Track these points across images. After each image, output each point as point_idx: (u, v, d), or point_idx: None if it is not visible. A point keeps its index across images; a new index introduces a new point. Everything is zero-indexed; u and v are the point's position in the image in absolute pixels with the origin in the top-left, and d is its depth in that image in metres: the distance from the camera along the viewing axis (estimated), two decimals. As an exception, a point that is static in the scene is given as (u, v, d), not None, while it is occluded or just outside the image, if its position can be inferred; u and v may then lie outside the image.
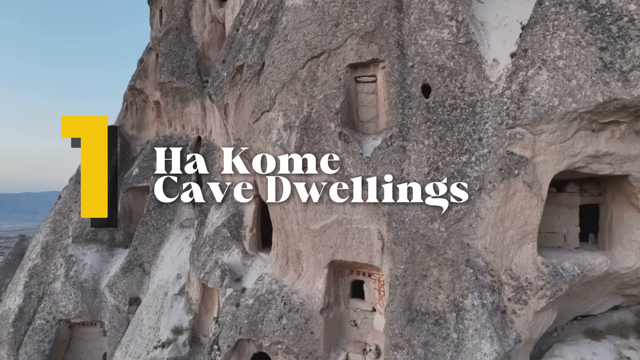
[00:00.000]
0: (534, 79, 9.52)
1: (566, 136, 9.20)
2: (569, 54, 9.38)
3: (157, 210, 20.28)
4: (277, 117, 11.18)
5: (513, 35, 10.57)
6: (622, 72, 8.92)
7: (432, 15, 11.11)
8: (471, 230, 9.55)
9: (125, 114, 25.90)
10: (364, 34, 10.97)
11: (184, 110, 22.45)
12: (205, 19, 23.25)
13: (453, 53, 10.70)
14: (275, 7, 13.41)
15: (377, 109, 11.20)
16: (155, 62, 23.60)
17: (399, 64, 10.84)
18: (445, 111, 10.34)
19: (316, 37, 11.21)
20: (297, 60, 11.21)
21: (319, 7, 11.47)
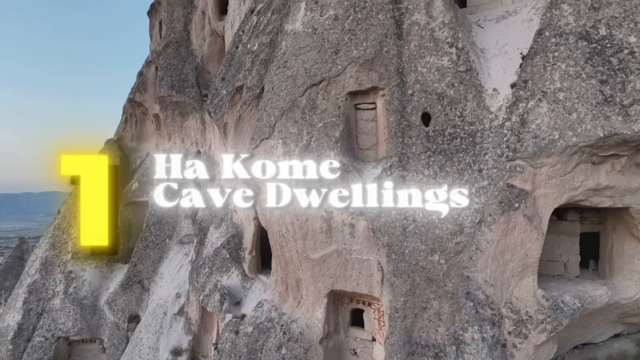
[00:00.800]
0: (534, 111, 9.49)
1: (567, 169, 9.16)
2: (570, 86, 9.35)
3: (156, 225, 20.24)
4: (277, 145, 11.14)
5: (513, 63, 10.54)
6: (623, 106, 8.89)
7: (432, 42, 11.08)
8: (471, 262, 9.51)
9: (124, 125, 25.88)
10: (363, 61, 10.94)
11: (184, 124, 22.43)
12: (204, 32, 23.22)
13: (453, 81, 10.67)
14: (275, 30, 13.38)
15: (377, 136, 11.16)
16: (154, 76, 23.56)
17: (398, 92, 10.81)
18: (445, 140, 10.30)
19: (316, 65, 11.18)
20: (296, 88, 11.17)
21: (319, 33, 11.43)
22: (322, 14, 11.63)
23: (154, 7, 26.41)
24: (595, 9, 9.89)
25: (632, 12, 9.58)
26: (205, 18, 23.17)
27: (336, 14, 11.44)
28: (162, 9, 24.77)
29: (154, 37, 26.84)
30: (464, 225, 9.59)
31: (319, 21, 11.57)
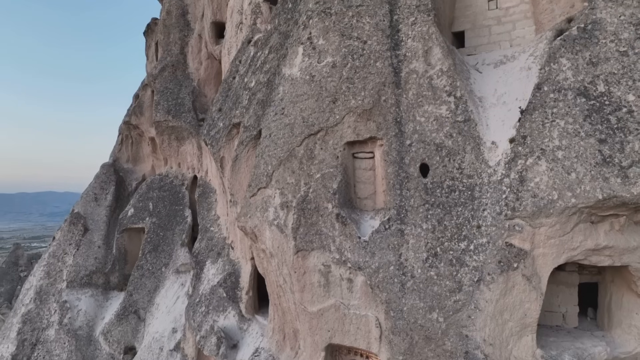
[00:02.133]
0: (533, 169, 9.45)
1: (565, 230, 9.13)
2: (568, 145, 9.32)
3: (152, 253, 20.10)
4: (274, 195, 11.06)
5: (512, 115, 10.50)
6: (622, 167, 8.87)
7: (430, 90, 11.04)
8: (470, 321, 9.45)
9: (120, 147, 25.72)
10: (361, 111, 10.88)
11: (180, 148, 22.31)
12: (201, 55, 23.13)
13: (451, 131, 10.63)
14: (272, 70, 13.31)
15: (375, 185, 11.10)
16: (150, 99, 23.43)
17: (396, 143, 10.76)
18: (444, 193, 10.25)
19: (313, 114, 11.11)
20: (294, 137, 11.10)
21: (316, 81, 11.37)
22: (320, 61, 11.57)
23: (150, 28, 26.31)
24: (594, 64, 9.87)
25: (630, 68, 9.57)
26: (202, 41, 23.09)
27: (334, 62, 11.39)
28: (158, 30, 24.67)
29: (150, 58, 26.73)
30: (463, 283, 9.54)
31: (317, 68, 11.50)
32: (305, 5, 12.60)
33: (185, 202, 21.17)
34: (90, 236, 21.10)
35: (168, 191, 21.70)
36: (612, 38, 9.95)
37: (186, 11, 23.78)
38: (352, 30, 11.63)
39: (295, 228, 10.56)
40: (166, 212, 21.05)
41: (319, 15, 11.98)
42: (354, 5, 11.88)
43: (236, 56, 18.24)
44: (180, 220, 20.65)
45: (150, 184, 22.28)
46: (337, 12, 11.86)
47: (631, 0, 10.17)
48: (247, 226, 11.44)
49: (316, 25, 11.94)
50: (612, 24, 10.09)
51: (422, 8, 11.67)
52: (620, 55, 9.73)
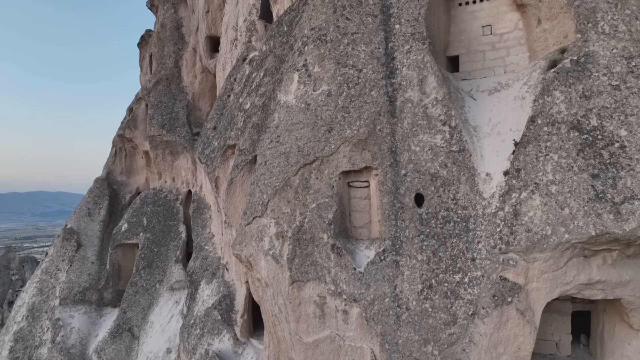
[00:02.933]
0: (527, 203, 9.53)
1: (559, 265, 9.21)
2: (562, 179, 9.41)
3: (146, 270, 20.01)
4: (270, 224, 11.05)
5: (506, 146, 10.58)
6: (614, 203, 8.96)
7: (425, 119, 11.09)
8: (465, 355, 9.50)
9: (114, 159, 25.59)
10: (357, 141, 10.91)
11: (174, 163, 22.23)
12: (195, 69, 23.08)
13: (446, 161, 10.69)
14: (268, 94, 13.30)
15: (370, 214, 11.14)
16: (144, 112, 23.34)
17: (392, 173, 10.80)
18: (439, 224, 10.30)
19: (309, 143, 11.12)
20: (289, 167, 11.10)
21: (312, 110, 11.38)
22: (316, 89, 11.59)
23: (144, 39, 26.21)
24: (587, 97, 9.98)
25: (622, 103, 9.68)
26: (197, 55, 23.05)
27: (329, 90, 11.41)
28: (152, 42, 24.58)
29: (144, 69, 26.62)
30: (458, 316, 9.59)
31: (312, 96, 11.52)
32: (300, 30, 12.61)
33: (180, 218, 21.10)
34: (83, 252, 20.97)
35: (162, 206, 21.62)
36: (605, 71, 10.06)
37: (180, 24, 23.73)
38: (347, 58, 11.66)
39: (290, 259, 10.57)
40: (160, 227, 20.96)
41: (314, 42, 12.00)
42: (349, 32, 11.92)
43: (231, 73, 18.23)
44: (174, 236, 20.57)
45: (144, 198, 22.18)
46: (333, 39, 11.89)
47: (623, 34, 10.30)
48: (242, 255, 11.43)
49: (312, 52, 11.96)
50: (604, 57, 10.20)
51: (417, 36, 11.73)
52: (613, 89, 9.85)
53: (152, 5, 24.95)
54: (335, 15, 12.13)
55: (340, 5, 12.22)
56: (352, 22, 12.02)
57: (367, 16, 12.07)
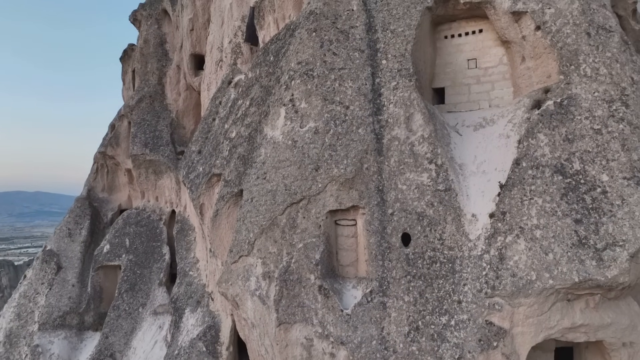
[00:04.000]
0: (512, 247, 9.64)
1: (543, 309, 9.34)
2: (546, 224, 9.54)
3: (129, 293, 19.65)
4: (256, 264, 10.96)
5: (491, 186, 10.69)
6: (597, 249, 9.13)
7: (412, 157, 11.14)
8: (451, 398, 9.55)
9: (95, 176, 25.08)
10: (344, 180, 10.89)
11: (158, 182, 21.91)
12: (180, 86, 22.80)
13: (432, 200, 10.75)
14: (254, 125, 13.19)
15: (357, 253, 11.13)
16: (127, 130, 22.95)
17: (378, 212, 10.81)
18: (425, 264, 10.35)
19: (296, 182, 11.06)
20: (276, 205, 11.02)
21: (299, 147, 11.33)
22: (302, 125, 11.53)
23: (127, 54, 25.79)
24: (570, 140, 10.15)
25: (604, 147, 9.88)
26: (181, 72, 22.77)
27: (316, 127, 11.37)
28: (135, 58, 24.19)
29: (126, 84, 26.19)
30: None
31: (299, 133, 11.46)
32: (287, 63, 12.54)
33: (163, 239, 20.80)
34: (63, 274, 20.50)
35: (145, 226, 21.28)
36: (587, 115, 10.25)
37: (164, 40, 23.42)
38: (334, 94, 11.64)
39: (277, 300, 10.49)
40: (143, 248, 20.63)
41: (301, 77, 11.95)
42: (336, 68, 11.91)
43: (216, 95, 18.04)
44: (157, 258, 20.27)
45: (126, 218, 21.79)
46: (320, 74, 11.86)
47: (604, 77, 10.52)
48: (229, 294, 11.31)
49: (298, 88, 11.91)
50: (586, 100, 10.40)
51: (404, 72, 11.79)
52: (595, 134, 10.04)
53: (135, 20, 24.55)
54: (322, 49, 12.10)
55: (327, 39, 12.20)
56: (339, 57, 12.00)
57: (354, 51, 12.07)
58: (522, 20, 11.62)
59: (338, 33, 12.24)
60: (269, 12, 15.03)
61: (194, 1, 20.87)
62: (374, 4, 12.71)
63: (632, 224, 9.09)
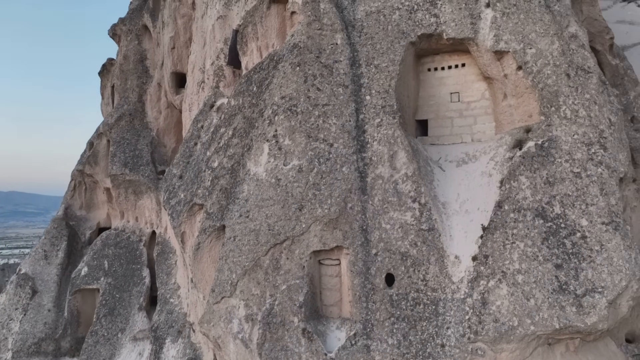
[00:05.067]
0: (494, 292, 9.72)
1: (525, 355, 9.44)
2: (528, 269, 9.65)
3: (107, 317, 19.19)
4: (239, 306, 10.81)
5: (474, 227, 10.77)
6: (577, 295, 9.27)
7: (396, 196, 11.15)
8: None
9: (73, 193, 24.42)
10: (328, 220, 10.83)
11: (137, 202, 21.46)
12: (160, 104, 22.40)
13: (416, 240, 10.78)
14: (237, 158, 13.00)
15: (341, 292, 11.08)
16: (106, 148, 22.43)
17: (362, 252, 10.78)
18: (409, 306, 10.36)
19: (279, 222, 10.95)
20: (259, 246, 10.89)
21: (282, 186, 11.21)
22: (286, 163, 11.43)
23: (106, 68, 25.23)
24: (551, 183, 10.30)
25: (584, 192, 10.05)
26: (162, 90, 22.36)
27: (300, 165, 11.28)
28: (114, 74, 23.68)
29: (105, 98, 25.62)
30: (428, 405, 9.66)
31: (283, 171, 11.35)
32: (270, 97, 12.42)
33: (143, 261, 20.38)
34: (39, 299, 19.91)
35: (124, 248, 20.82)
36: (567, 157, 10.42)
37: (144, 57, 22.97)
38: (318, 131, 11.57)
39: (260, 343, 10.36)
40: (122, 271, 20.18)
41: (284, 113, 11.85)
42: (320, 104, 11.84)
43: (198, 118, 17.78)
44: (137, 281, 19.85)
45: (105, 239, 21.28)
46: (304, 110, 11.77)
47: (583, 119, 10.72)
48: (210, 335, 11.13)
49: (282, 124, 11.80)
50: (566, 143, 10.57)
51: (388, 109, 11.80)
52: (575, 177, 10.21)
53: (114, 35, 24.01)
54: (306, 85, 12.01)
55: (311, 74, 12.12)
56: (323, 92, 11.94)
57: (338, 87, 12.03)
58: (504, 59, 11.75)
59: (322, 68, 12.18)
60: (252, 39, 14.86)
61: (175, 19, 20.52)
62: (358, 38, 12.70)
63: (610, 270, 9.26)
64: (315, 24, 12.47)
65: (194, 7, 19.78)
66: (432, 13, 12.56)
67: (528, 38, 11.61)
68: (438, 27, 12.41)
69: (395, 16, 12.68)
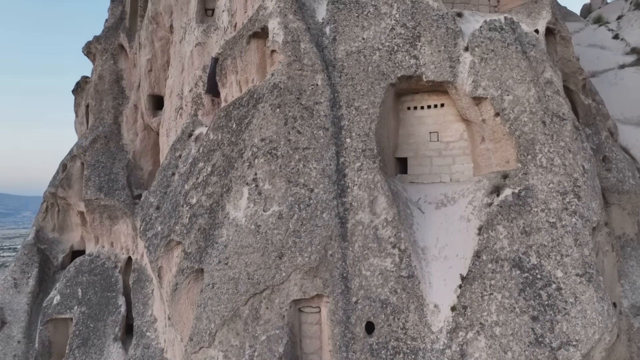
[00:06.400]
0: (472, 343, 9.83)
1: (502, 408, 9.56)
2: (505, 321, 9.80)
3: (81, 349, 18.64)
4: (218, 357, 10.64)
5: (453, 274, 10.88)
6: (552, 348, 9.45)
7: (376, 242, 11.18)
8: None
9: (45, 215, 23.71)
10: (308, 269, 10.76)
11: (113, 227, 20.96)
12: (137, 126, 21.95)
13: (396, 287, 10.82)
14: (216, 198, 12.81)
15: (321, 340, 11.02)
16: (80, 171, 21.82)
17: (343, 301, 10.76)
18: (389, 355, 10.38)
19: (259, 270, 10.83)
20: (239, 295, 10.75)
21: (262, 232, 11.09)
22: (266, 209, 11.31)
23: (80, 86, 24.63)
24: (527, 233, 10.49)
25: (559, 242, 10.27)
26: (138, 112, 21.92)
27: (280, 212, 11.18)
28: (89, 94, 23.09)
29: (79, 117, 25.00)
30: None
31: (263, 217, 11.23)
32: (250, 138, 12.28)
33: (119, 289, 19.90)
34: (8, 330, 19.22)
35: (99, 275, 20.30)
36: (543, 207, 10.63)
37: (120, 77, 22.49)
38: (298, 176, 11.49)
39: (239, 397, 10.22)
40: (97, 299, 19.66)
41: (265, 156, 11.73)
42: (300, 147, 11.77)
43: (176, 146, 17.50)
44: (112, 310, 19.37)
45: (79, 266, 20.70)
46: (284, 154, 11.68)
47: (558, 168, 10.95)
48: (189, 386, 10.93)
49: (262, 167, 11.68)
50: (542, 192, 10.78)
51: (368, 153, 11.82)
52: (550, 227, 10.41)
53: (89, 53, 23.40)
54: (287, 127, 11.93)
55: (292, 116, 12.04)
56: (303, 135, 11.87)
57: (319, 129, 11.98)
58: (483, 105, 11.92)
59: (302, 110, 12.11)
60: (232, 72, 14.68)
61: (152, 42, 20.13)
62: (339, 78, 12.69)
63: (584, 323, 9.48)
64: (296, 64, 12.39)
65: (172, 30, 19.44)
66: (412, 54, 12.65)
67: (505, 84, 11.82)
68: (418, 69, 12.51)
69: (376, 57, 12.72)
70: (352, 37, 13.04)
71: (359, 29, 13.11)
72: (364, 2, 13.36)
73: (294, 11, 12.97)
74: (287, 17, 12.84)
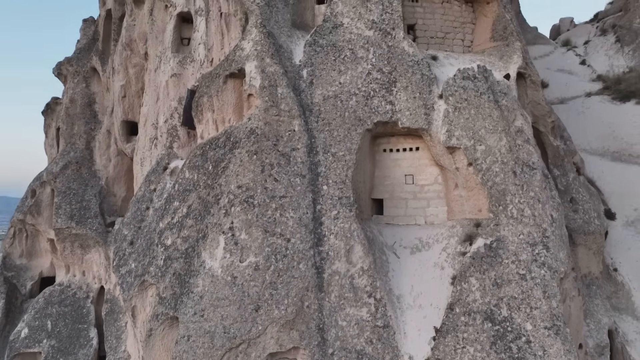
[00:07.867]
0: (446, 398, 10.03)
1: None
2: (477, 375, 10.04)
3: (51, 385, 18.15)
4: (193, 413, 10.52)
5: (427, 324, 11.07)
6: (521, 402, 9.74)
7: (352, 291, 11.28)
8: None
9: (12, 240, 22.94)
10: (285, 321, 10.78)
11: (85, 256, 20.48)
12: (110, 151, 21.49)
13: (371, 337, 10.95)
14: (192, 242, 12.66)
15: (298, 392, 11.04)
16: (50, 198, 21.21)
17: (319, 353, 10.81)
18: (365, 407, 10.48)
19: (235, 324, 10.78)
20: (214, 350, 10.67)
21: (238, 284, 11.05)
22: (243, 260, 11.28)
23: (50, 107, 23.97)
24: (498, 285, 10.78)
25: (528, 295, 10.59)
26: (111, 137, 21.47)
27: (257, 263, 11.16)
28: (60, 117, 22.48)
29: (49, 138, 24.33)
30: None
31: (239, 269, 11.19)
32: (227, 183, 12.21)
33: (91, 320, 19.45)
34: (-28, 366, 18.51)
35: (70, 306, 19.79)
36: (514, 259, 10.94)
37: (93, 100, 21.99)
38: (275, 225, 11.50)
39: None
40: (67, 332, 19.16)
41: (241, 205, 11.69)
42: (277, 196, 11.78)
43: (151, 178, 17.22)
44: (84, 342, 18.91)
45: (48, 297, 20.12)
46: (260, 203, 11.66)
47: (528, 218, 11.29)
48: None
49: (238, 216, 11.63)
50: (513, 243, 11.10)
51: (345, 201, 11.93)
52: (520, 279, 10.73)
53: (59, 74, 22.78)
54: (264, 175, 11.92)
55: (269, 163, 12.04)
56: (280, 183, 11.88)
57: (296, 177, 12.02)
58: (456, 154, 12.19)
59: (279, 156, 12.13)
60: (208, 110, 14.55)
61: (126, 68, 19.75)
62: (316, 124, 12.75)
63: (552, 377, 9.81)
64: (273, 109, 12.40)
65: (147, 57, 19.13)
66: (388, 100, 12.84)
67: (478, 134, 12.12)
68: (394, 115, 12.70)
69: (352, 102, 12.85)
70: (329, 81, 13.13)
71: (335, 73, 13.21)
72: (341, 46, 13.49)
73: (271, 54, 12.98)
74: (264, 61, 12.83)
